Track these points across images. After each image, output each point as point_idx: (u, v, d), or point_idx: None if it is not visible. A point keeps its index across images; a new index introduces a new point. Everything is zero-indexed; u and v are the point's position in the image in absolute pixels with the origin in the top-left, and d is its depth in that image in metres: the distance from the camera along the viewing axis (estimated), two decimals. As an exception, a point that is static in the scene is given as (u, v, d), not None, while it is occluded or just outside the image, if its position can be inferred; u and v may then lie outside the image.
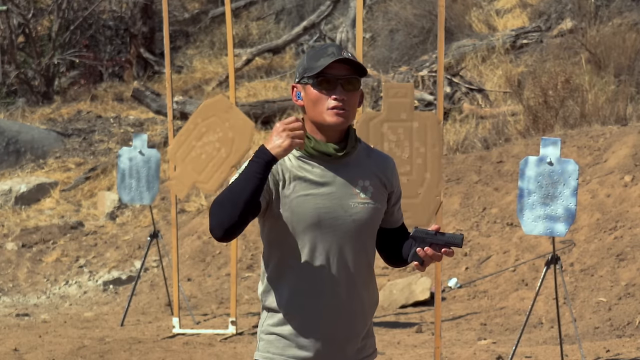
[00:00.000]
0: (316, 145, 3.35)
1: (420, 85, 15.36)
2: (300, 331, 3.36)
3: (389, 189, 3.47)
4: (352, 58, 3.33)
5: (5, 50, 20.02)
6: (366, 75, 3.39)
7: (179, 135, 9.12)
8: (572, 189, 7.44)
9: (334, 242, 3.35)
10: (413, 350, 8.70)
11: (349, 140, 3.40)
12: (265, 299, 3.42)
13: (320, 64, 3.32)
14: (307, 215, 3.32)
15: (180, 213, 13.51)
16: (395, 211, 3.53)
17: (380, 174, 3.45)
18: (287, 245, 3.35)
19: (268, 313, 3.42)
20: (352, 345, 3.42)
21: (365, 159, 3.45)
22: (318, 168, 3.36)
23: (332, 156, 3.36)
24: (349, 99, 3.34)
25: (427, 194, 6.98)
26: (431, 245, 3.34)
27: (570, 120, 13.13)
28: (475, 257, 11.05)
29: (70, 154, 16.83)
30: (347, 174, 3.38)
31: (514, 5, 18.12)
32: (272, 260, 3.39)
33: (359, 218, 3.37)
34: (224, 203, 3.21)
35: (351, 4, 19.06)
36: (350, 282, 3.37)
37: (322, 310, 3.35)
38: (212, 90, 18.50)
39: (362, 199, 3.38)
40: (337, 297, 3.36)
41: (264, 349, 3.41)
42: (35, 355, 8.79)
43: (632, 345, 8.30)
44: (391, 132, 6.99)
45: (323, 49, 3.37)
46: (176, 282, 9.66)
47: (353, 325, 3.41)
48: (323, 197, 3.35)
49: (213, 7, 22.29)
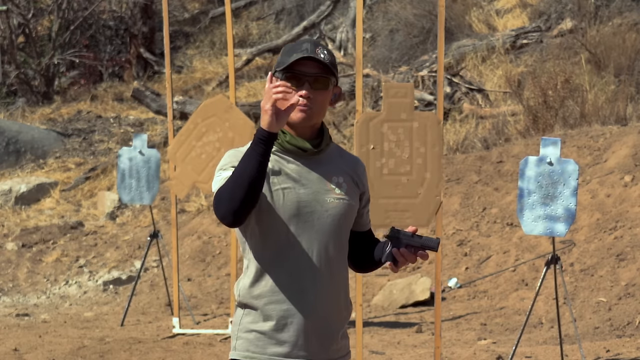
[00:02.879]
0: (292, 140, 3.35)
1: (420, 85, 15.35)
2: (281, 327, 3.33)
3: (360, 188, 3.47)
4: (323, 57, 3.31)
5: (5, 50, 20.02)
6: (336, 74, 3.36)
7: (179, 135, 9.12)
8: (572, 189, 7.44)
9: (312, 238, 3.33)
10: (413, 350, 8.70)
11: (324, 137, 3.40)
12: (243, 295, 3.38)
13: (290, 59, 3.30)
14: (287, 209, 3.31)
15: (180, 213, 13.51)
16: (364, 213, 3.52)
17: (352, 173, 3.45)
18: (266, 240, 3.33)
19: (245, 310, 3.38)
20: (331, 342, 3.40)
21: (338, 157, 3.45)
22: (293, 163, 3.36)
23: (308, 152, 3.36)
24: (315, 97, 3.32)
25: (427, 194, 6.98)
26: (407, 247, 3.30)
27: (570, 120, 13.13)
28: (475, 257, 11.05)
29: (70, 154, 16.83)
30: (321, 170, 3.38)
31: (514, 5, 18.12)
32: (251, 256, 3.37)
33: (335, 213, 3.36)
34: (228, 188, 3.20)
35: (351, 4, 19.06)
36: (328, 278, 3.36)
37: (302, 304, 3.33)
38: (212, 90, 18.50)
39: (337, 195, 3.37)
40: (316, 292, 3.34)
41: (244, 348, 3.37)
42: (35, 355, 8.79)
43: (632, 345, 8.30)
44: (391, 132, 6.99)
45: (299, 44, 3.34)
46: (176, 282, 9.66)
47: (332, 321, 3.39)
48: (300, 191, 3.33)
49: (213, 7, 22.29)
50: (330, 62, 3.32)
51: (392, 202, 6.98)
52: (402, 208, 6.98)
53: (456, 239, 11.36)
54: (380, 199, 6.92)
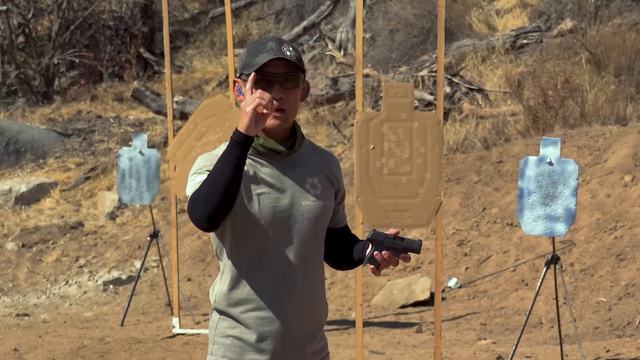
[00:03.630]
0: (265, 142, 3.30)
1: (420, 85, 15.35)
2: (259, 335, 3.29)
3: (335, 186, 3.43)
4: (290, 56, 3.25)
5: (5, 50, 20.02)
6: (304, 70, 3.30)
7: (179, 135, 9.12)
8: (572, 189, 7.44)
9: (288, 242, 3.30)
10: (413, 350, 8.69)
11: (297, 137, 3.35)
12: (219, 301, 3.34)
13: (258, 62, 3.23)
14: (262, 214, 3.27)
15: (180, 213, 13.51)
16: (340, 210, 3.48)
17: (327, 170, 3.41)
18: (241, 245, 3.29)
19: (221, 315, 3.34)
20: (310, 346, 3.37)
21: (311, 155, 3.41)
22: (267, 167, 3.31)
23: (282, 153, 3.31)
24: (287, 97, 3.27)
25: (427, 194, 6.98)
26: (389, 249, 3.27)
27: (570, 120, 13.13)
28: (475, 257, 11.05)
29: (70, 154, 16.83)
30: (296, 172, 3.34)
31: (514, 5, 18.12)
32: (227, 262, 3.32)
33: (311, 216, 3.32)
34: (203, 192, 3.13)
35: (351, 4, 19.06)
36: (305, 282, 3.32)
37: (279, 310, 3.29)
38: (212, 90, 18.50)
39: (312, 197, 3.34)
40: (293, 296, 3.30)
41: (220, 354, 3.33)
42: (35, 355, 8.79)
43: (632, 345, 8.30)
44: (391, 132, 6.99)
45: (262, 43, 3.28)
46: (176, 282, 9.66)
47: (310, 326, 3.36)
48: (275, 195, 3.29)
49: (213, 7, 22.29)
50: (297, 59, 3.27)
51: (392, 202, 6.97)
52: (402, 208, 6.98)
53: (456, 239, 11.37)
54: (380, 199, 6.92)
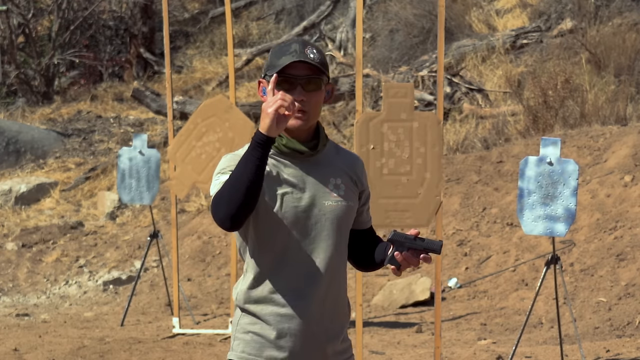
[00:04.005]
0: (288, 142, 3.31)
1: (420, 85, 15.35)
2: (279, 333, 3.31)
3: (359, 187, 3.43)
4: (313, 59, 3.27)
5: (5, 50, 20.02)
6: (327, 73, 3.32)
7: (179, 135, 9.12)
8: (572, 189, 7.44)
9: (310, 242, 3.31)
10: (413, 350, 8.69)
11: (320, 138, 3.37)
12: (240, 299, 3.36)
13: (281, 63, 3.26)
14: (285, 213, 3.28)
15: (180, 213, 13.51)
16: (364, 211, 3.49)
17: (351, 172, 3.42)
18: (264, 245, 3.31)
19: (242, 312, 3.37)
20: (332, 346, 3.37)
21: (335, 156, 3.41)
22: (291, 167, 3.33)
23: (305, 154, 3.32)
24: (309, 99, 3.28)
25: (427, 194, 6.98)
26: (409, 250, 3.28)
27: (570, 120, 13.13)
28: (475, 257, 11.05)
29: (70, 154, 16.83)
30: (319, 173, 3.35)
31: (514, 5, 18.12)
32: (249, 261, 3.35)
33: (334, 216, 3.33)
34: (225, 192, 3.17)
35: (351, 4, 19.06)
36: (327, 282, 3.33)
37: (300, 309, 3.30)
38: (212, 90, 18.50)
39: (335, 197, 3.34)
40: (314, 296, 3.31)
41: (240, 349, 3.35)
42: (35, 355, 8.79)
43: (632, 345, 8.30)
44: (391, 132, 6.99)
45: (287, 45, 3.30)
46: (176, 282, 9.66)
47: (331, 326, 3.36)
48: (298, 195, 3.31)
49: (213, 7, 22.29)
50: (320, 62, 3.29)
51: (392, 202, 6.97)
52: (402, 208, 6.98)
53: (456, 239, 11.36)
54: (380, 199, 6.92)
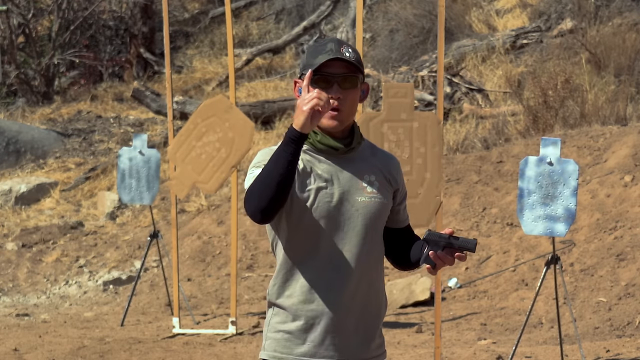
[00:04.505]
0: (323, 139, 3.34)
1: (420, 85, 15.35)
2: (309, 327, 3.33)
3: (394, 186, 3.46)
4: (349, 57, 3.30)
5: (5, 50, 20.02)
6: (362, 71, 3.35)
7: (179, 135, 9.12)
8: (572, 189, 7.44)
9: (342, 237, 3.33)
10: (413, 350, 8.70)
11: (355, 135, 3.39)
12: (272, 294, 3.39)
13: (317, 62, 3.29)
14: (317, 209, 3.31)
15: (180, 213, 13.51)
16: (401, 210, 3.51)
17: (385, 171, 3.44)
18: (296, 240, 3.33)
19: (274, 310, 3.39)
20: (362, 341, 3.39)
21: (370, 154, 3.44)
22: (325, 163, 3.35)
23: (339, 150, 3.35)
24: (345, 97, 3.31)
25: (427, 194, 6.98)
26: (444, 249, 3.30)
27: (570, 120, 13.13)
28: (475, 257, 11.05)
29: (70, 154, 16.83)
30: (353, 169, 3.38)
31: (514, 5, 18.12)
32: (282, 255, 3.37)
33: (366, 212, 3.35)
34: (257, 186, 3.20)
35: (351, 4, 19.06)
36: (359, 278, 3.35)
37: (331, 304, 3.32)
38: (212, 90, 18.50)
39: (368, 193, 3.37)
40: (347, 292, 3.33)
41: (271, 348, 3.38)
42: (35, 355, 8.79)
43: (632, 345, 8.30)
44: (391, 132, 7.00)
45: (323, 44, 3.33)
46: (176, 282, 9.66)
47: (363, 321, 3.38)
48: (331, 191, 3.33)
49: (213, 7, 22.29)
50: (356, 60, 3.32)
51: (392, 202, 6.97)
52: (402, 208, 6.98)
53: (456, 239, 11.35)
54: (380, 199, 6.92)
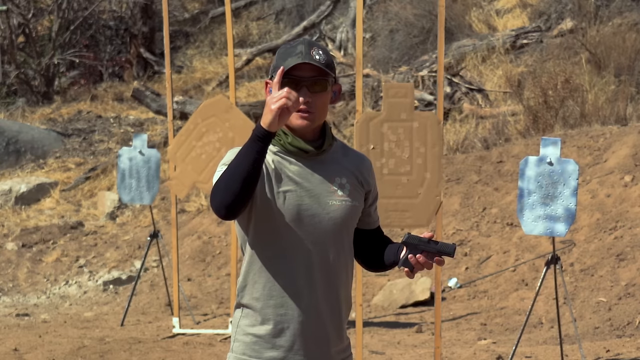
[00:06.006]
0: (293, 141, 3.31)
1: (420, 85, 15.35)
2: (278, 331, 3.31)
3: (365, 187, 3.43)
4: (319, 60, 3.26)
5: (5, 50, 20.02)
6: (333, 74, 3.31)
7: (179, 135, 9.12)
8: (572, 189, 7.44)
9: (312, 240, 3.30)
10: (413, 350, 8.70)
11: (326, 137, 3.36)
12: (241, 295, 3.36)
13: (287, 64, 3.25)
14: (287, 212, 3.28)
15: (180, 213, 13.51)
16: (372, 212, 3.49)
17: (357, 172, 3.41)
18: (265, 242, 3.31)
19: (243, 311, 3.37)
20: (329, 345, 3.37)
21: (342, 156, 3.41)
22: (295, 165, 3.32)
23: (309, 153, 3.32)
24: (315, 100, 3.28)
25: (427, 194, 6.98)
26: (423, 253, 3.29)
27: (570, 120, 13.13)
28: (475, 257, 11.05)
29: (70, 154, 16.83)
30: (323, 171, 3.35)
31: (514, 5, 18.12)
32: (250, 256, 3.35)
33: (337, 216, 3.33)
34: (222, 182, 3.18)
35: (351, 4, 19.06)
36: (328, 281, 3.33)
37: (300, 307, 3.30)
38: (212, 90, 18.50)
39: (339, 197, 3.34)
40: (314, 295, 3.31)
41: (240, 351, 3.36)
42: (35, 355, 8.79)
43: (632, 345, 8.30)
44: (391, 132, 6.99)
45: (292, 47, 3.29)
46: (176, 282, 9.66)
47: (331, 324, 3.36)
48: (302, 194, 3.30)
49: (213, 7, 22.30)
50: (326, 63, 3.28)
51: (392, 202, 6.98)
52: (402, 208, 6.98)
53: (456, 239, 11.36)
54: (380, 199, 6.92)
